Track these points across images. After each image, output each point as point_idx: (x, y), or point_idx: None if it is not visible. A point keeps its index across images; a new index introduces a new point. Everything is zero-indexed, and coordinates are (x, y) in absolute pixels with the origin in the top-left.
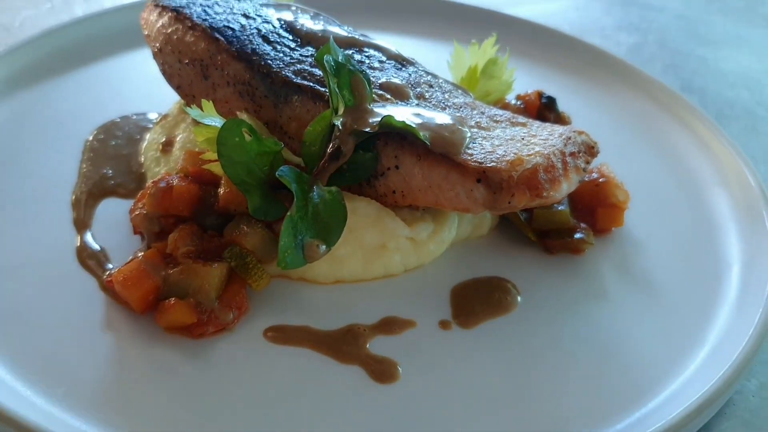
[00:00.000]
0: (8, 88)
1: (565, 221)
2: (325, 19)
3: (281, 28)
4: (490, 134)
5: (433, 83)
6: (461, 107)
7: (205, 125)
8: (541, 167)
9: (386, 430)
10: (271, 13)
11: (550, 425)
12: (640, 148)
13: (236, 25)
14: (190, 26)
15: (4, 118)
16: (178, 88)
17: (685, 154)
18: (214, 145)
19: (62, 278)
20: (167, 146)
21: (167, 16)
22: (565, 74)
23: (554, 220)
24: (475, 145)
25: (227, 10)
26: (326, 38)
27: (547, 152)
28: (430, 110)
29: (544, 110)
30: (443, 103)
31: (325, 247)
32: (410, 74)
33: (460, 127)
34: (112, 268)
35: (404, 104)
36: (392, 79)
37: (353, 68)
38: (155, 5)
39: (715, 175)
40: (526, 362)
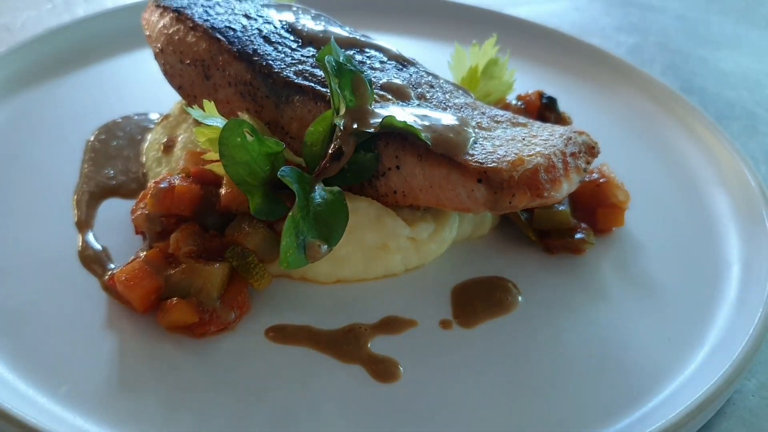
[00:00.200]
0: (10, 88)
1: (565, 221)
2: (326, 19)
3: (282, 28)
4: (491, 134)
5: (434, 84)
6: (462, 108)
7: (206, 125)
8: (541, 167)
9: (387, 429)
10: (272, 13)
11: (550, 424)
12: (640, 148)
13: (237, 25)
14: (191, 27)
15: (5, 118)
16: (179, 88)
17: (685, 154)
18: (215, 145)
19: (64, 278)
20: (169, 146)
21: (168, 16)
22: (565, 75)
23: (555, 220)
24: (476, 145)
25: (228, 10)
26: (327, 39)
27: (547, 152)
28: (432, 111)
29: (544, 110)
30: (444, 103)
31: (326, 247)
32: (411, 75)
33: (465, 128)
34: (114, 268)
35: (405, 105)
36: (393, 79)
37: (354, 69)
38: (156, 6)
39: (715, 175)
40: (526, 361)
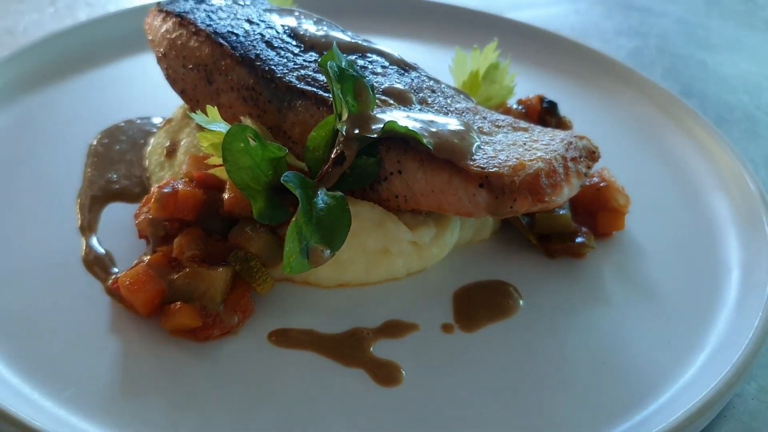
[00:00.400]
0: (12, 92)
1: (566, 225)
2: (328, 24)
3: (285, 33)
4: (492, 139)
5: (435, 88)
6: (464, 112)
7: (209, 130)
8: (543, 172)
9: None
10: (274, 18)
11: (551, 428)
12: (640, 152)
13: (240, 30)
14: (194, 31)
15: (8, 122)
16: (182, 92)
17: (685, 158)
18: (218, 150)
19: (68, 282)
20: (172, 151)
21: (171, 21)
22: (565, 78)
23: (556, 224)
24: (477, 150)
25: (231, 15)
26: (329, 44)
27: (548, 157)
28: (435, 116)
29: (545, 115)
30: (446, 108)
31: (329, 252)
32: (413, 79)
33: (470, 133)
34: (117, 272)
35: (407, 109)
36: (395, 84)
37: (356, 74)
38: (159, 10)
39: (715, 179)
40: (527, 365)
